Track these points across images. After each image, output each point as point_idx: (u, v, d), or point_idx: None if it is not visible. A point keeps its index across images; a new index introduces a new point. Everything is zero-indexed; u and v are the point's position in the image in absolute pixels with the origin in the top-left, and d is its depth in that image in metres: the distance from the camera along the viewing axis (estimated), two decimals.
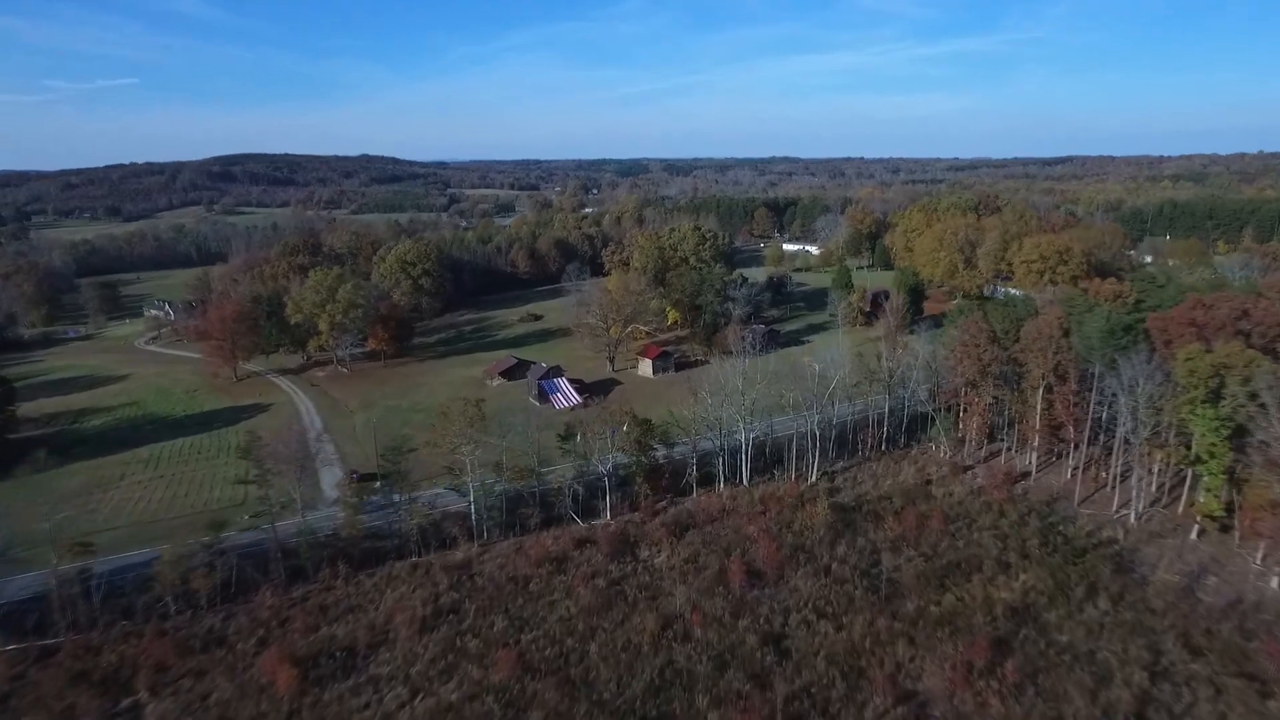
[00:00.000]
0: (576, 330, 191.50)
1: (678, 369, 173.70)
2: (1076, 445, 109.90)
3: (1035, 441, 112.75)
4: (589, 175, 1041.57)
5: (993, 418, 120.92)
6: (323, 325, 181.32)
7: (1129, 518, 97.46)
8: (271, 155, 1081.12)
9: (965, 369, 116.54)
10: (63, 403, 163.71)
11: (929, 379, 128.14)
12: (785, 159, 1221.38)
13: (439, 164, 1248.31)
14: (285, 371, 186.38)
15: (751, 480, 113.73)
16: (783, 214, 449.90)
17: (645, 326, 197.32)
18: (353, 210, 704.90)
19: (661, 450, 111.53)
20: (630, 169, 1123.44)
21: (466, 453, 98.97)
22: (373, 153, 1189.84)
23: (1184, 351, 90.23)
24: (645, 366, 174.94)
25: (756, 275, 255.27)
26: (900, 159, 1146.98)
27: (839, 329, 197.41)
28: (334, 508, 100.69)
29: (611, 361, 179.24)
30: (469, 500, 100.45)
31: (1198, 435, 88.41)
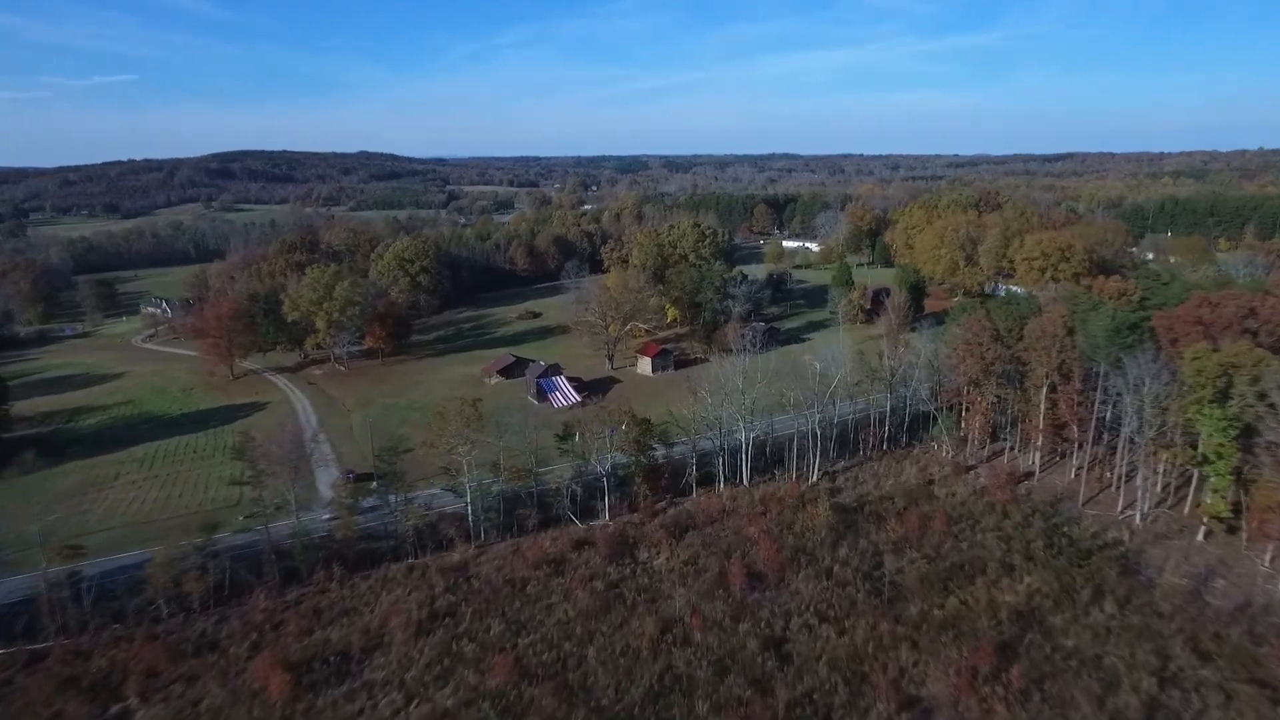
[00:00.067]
0: (575, 328, 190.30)
1: (677, 367, 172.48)
2: (1080, 445, 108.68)
3: (1039, 441, 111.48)
4: (588, 172, 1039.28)
5: (995, 417, 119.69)
6: (320, 323, 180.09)
7: (1134, 519, 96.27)
8: (270, 152, 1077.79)
9: (968, 368, 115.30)
10: (58, 401, 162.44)
11: (931, 377, 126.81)
12: (785, 155, 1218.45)
13: (438, 161, 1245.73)
14: (282, 370, 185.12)
15: (752, 480, 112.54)
16: (782, 211, 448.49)
17: (644, 324, 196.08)
18: (351, 207, 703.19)
19: (661, 450, 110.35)
20: (630, 166, 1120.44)
21: (463, 453, 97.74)
22: (371, 149, 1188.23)
23: (1191, 350, 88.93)
24: (644, 364, 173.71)
25: (756, 272, 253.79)
26: (900, 155, 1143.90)
27: (839, 326, 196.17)
28: (330, 508, 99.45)
29: (610, 359, 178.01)
30: (466, 501, 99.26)
31: (1205, 435, 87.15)
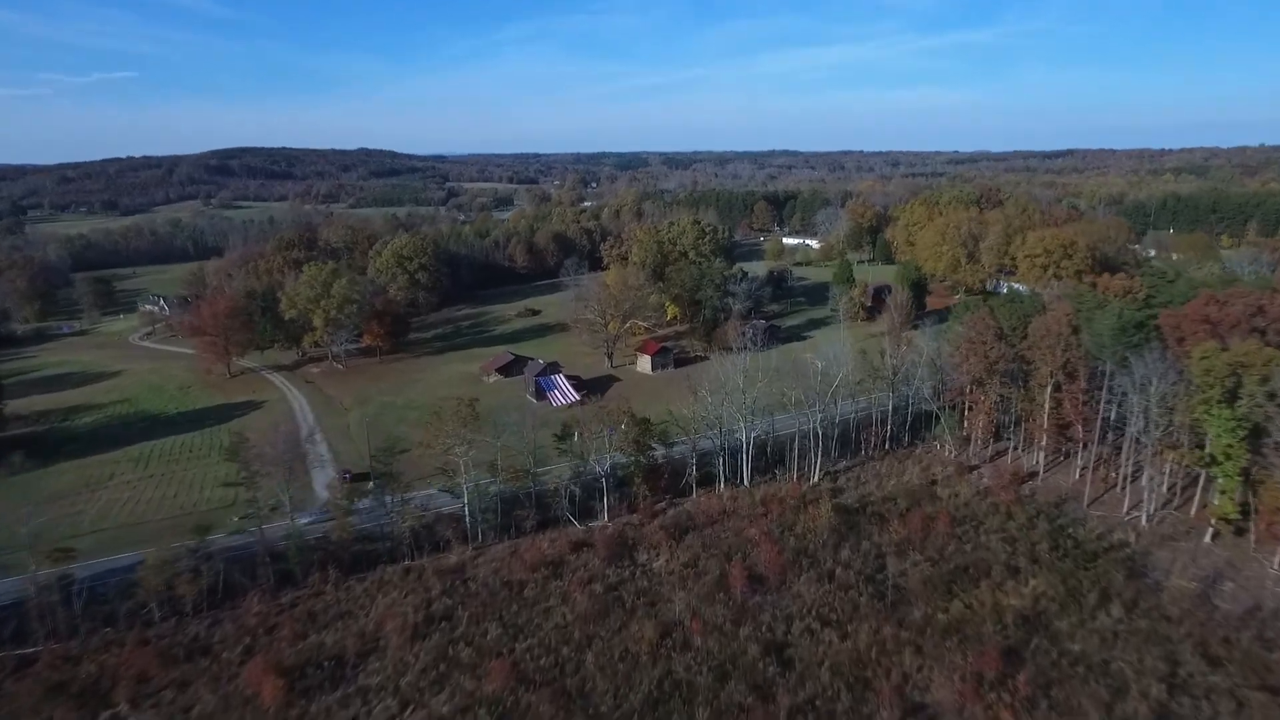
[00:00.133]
0: (574, 326, 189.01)
1: (677, 365, 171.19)
2: (1085, 445, 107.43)
3: (1043, 441, 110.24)
4: (588, 169, 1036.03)
5: (998, 416, 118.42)
6: (317, 321, 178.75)
7: (1140, 520, 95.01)
8: (269, 149, 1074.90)
9: (971, 366, 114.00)
10: (53, 400, 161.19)
11: (933, 376, 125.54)
12: (784, 152, 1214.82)
13: (437, 157, 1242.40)
14: (280, 368, 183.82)
15: (752, 480, 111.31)
16: (782, 207, 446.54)
17: (644, 322, 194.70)
18: (350, 204, 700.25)
19: (660, 450, 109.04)
20: (629, 162, 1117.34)
21: (460, 453, 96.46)
22: (371, 146, 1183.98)
23: (1199, 350, 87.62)
24: (644, 363, 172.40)
25: (756, 269, 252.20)
26: (900, 152, 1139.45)
27: (841, 324, 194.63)
28: (325, 509, 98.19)
29: (610, 357, 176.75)
30: (463, 502, 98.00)
31: (1213, 436, 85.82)
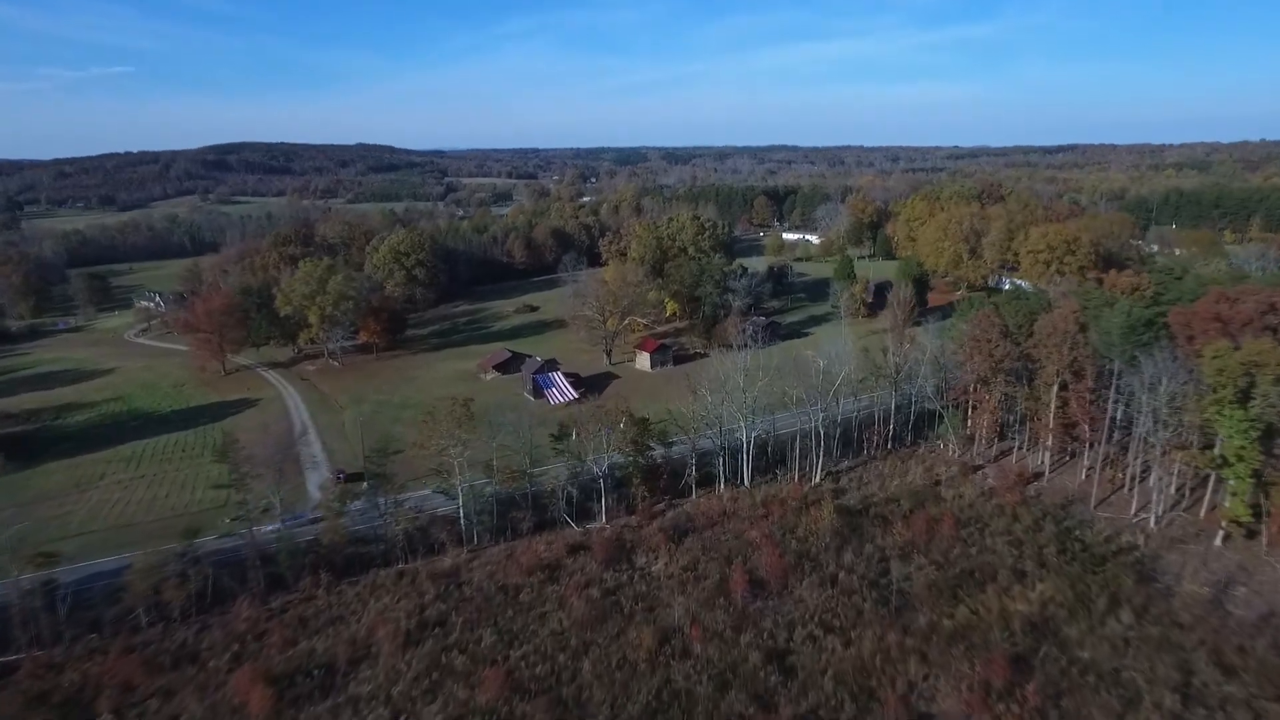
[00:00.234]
0: (573, 322, 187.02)
1: (676, 362, 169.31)
2: (1091, 445, 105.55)
3: (1048, 440, 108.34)
4: (587, 164, 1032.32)
5: (1003, 415, 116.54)
6: (313, 318, 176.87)
7: (1149, 522, 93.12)
8: (267, 144, 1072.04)
9: (976, 365, 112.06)
10: (46, 398, 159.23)
11: (936, 374, 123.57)
12: (784, 147, 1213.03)
13: (436, 153, 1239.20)
14: (275, 365, 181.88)
15: (753, 481, 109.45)
16: (782, 203, 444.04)
17: (643, 318, 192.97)
18: (349, 199, 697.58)
19: (659, 450, 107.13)
20: (629, 157, 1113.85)
21: (455, 454, 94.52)
22: (369, 141, 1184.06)
23: (1211, 349, 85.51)
24: (643, 360, 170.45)
25: (756, 265, 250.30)
26: (900, 147, 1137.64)
27: (841, 320, 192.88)
28: (318, 511, 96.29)
29: (608, 354, 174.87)
30: (458, 503, 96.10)
31: (1225, 437, 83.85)
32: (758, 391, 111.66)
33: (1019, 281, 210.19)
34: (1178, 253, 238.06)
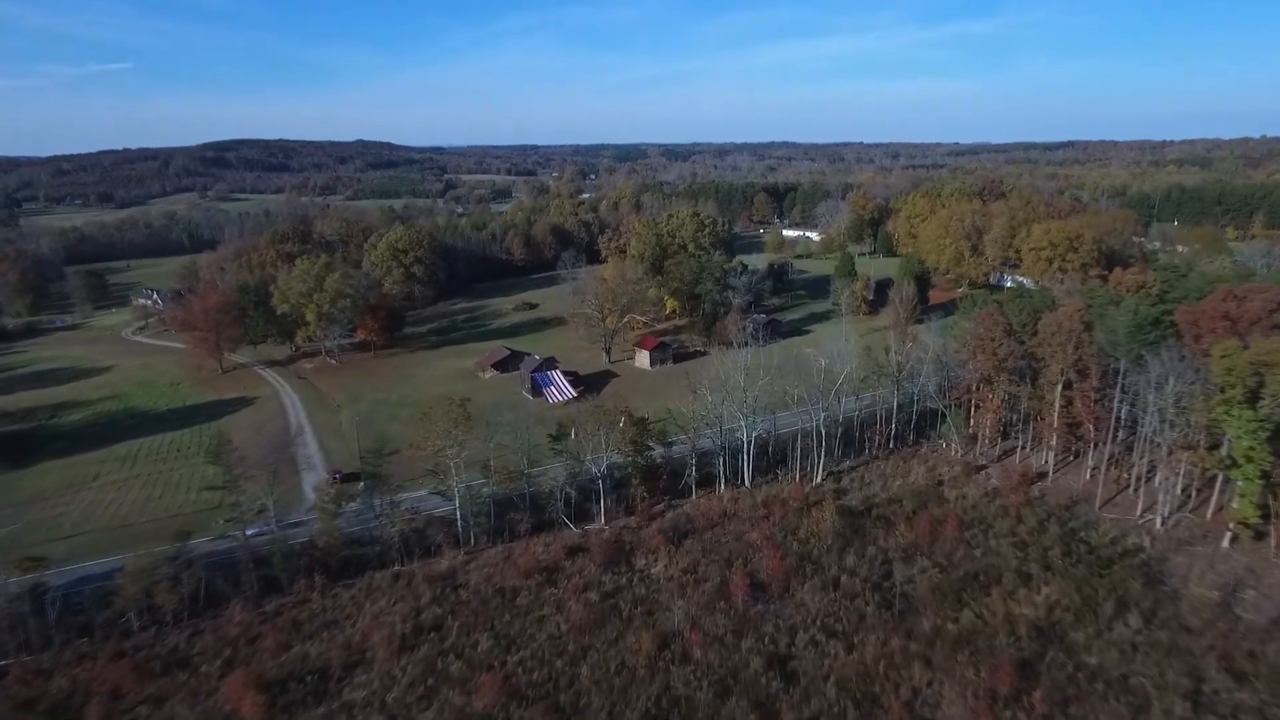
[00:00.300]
0: (572, 320, 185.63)
1: (676, 360, 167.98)
2: (1096, 444, 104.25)
3: (1052, 440, 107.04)
4: (587, 160, 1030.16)
5: (1006, 414, 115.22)
6: (310, 315, 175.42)
7: (1155, 523, 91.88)
8: (266, 141, 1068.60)
9: (979, 363, 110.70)
10: (41, 396, 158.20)
11: (938, 373, 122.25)
12: (784, 144, 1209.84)
13: (435, 149, 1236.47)
14: (272, 363, 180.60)
15: (754, 481, 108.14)
16: (782, 199, 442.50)
17: (642, 316, 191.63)
18: (348, 196, 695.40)
19: (659, 449, 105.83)
20: (628, 154, 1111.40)
21: (451, 455, 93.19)
22: (368, 138, 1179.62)
23: (1220, 348, 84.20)
24: (642, 358, 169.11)
25: (756, 262, 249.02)
26: (900, 144, 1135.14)
27: (842, 318, 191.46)
28: (313, 512, 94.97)
29: (608, 352, 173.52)
30: (454, 505, 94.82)
31: (1233, 437, 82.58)
32: (758, 390, 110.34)
33: (1021, 279, 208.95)
34: (1181, 250, 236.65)
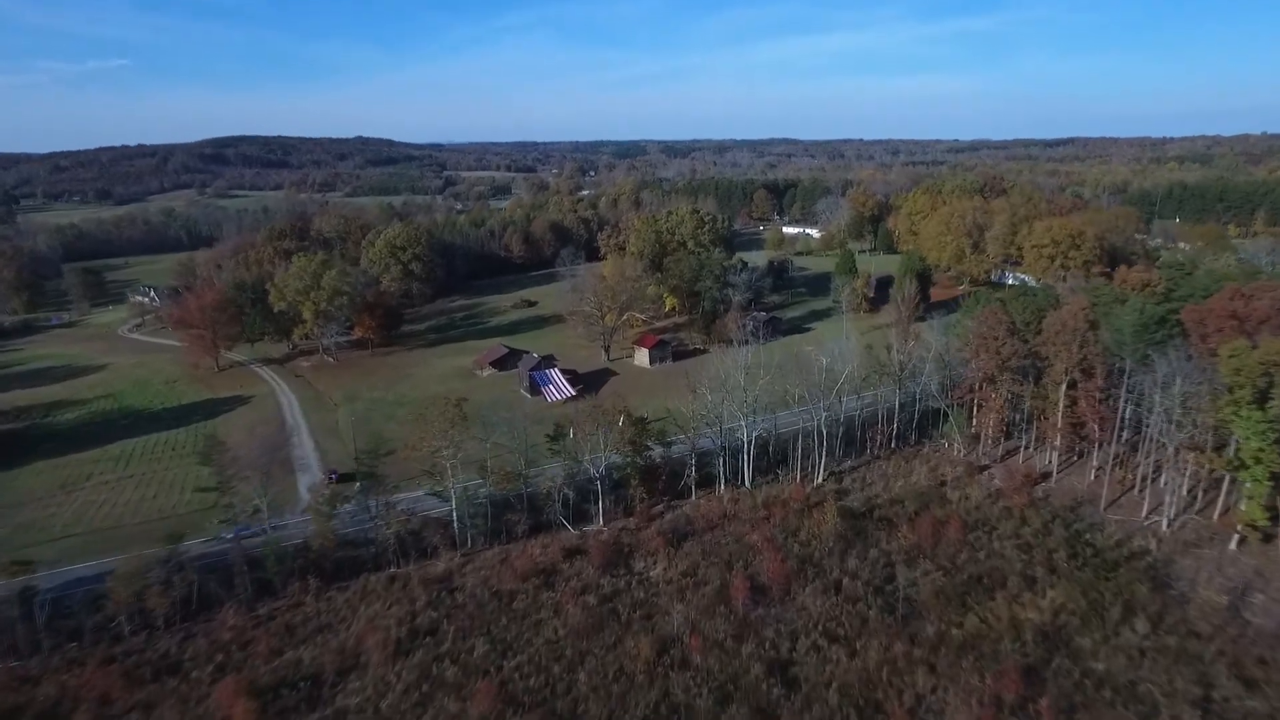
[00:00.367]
0: (570, 318, 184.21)
1: (675, 358, 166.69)
2: (1101, 445, 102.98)
3: (1056, 440, 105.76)
4: (586, 157, 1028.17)
5: (1009, 414, 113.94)
6: (307, 313, 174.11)
7: (1161, 525, 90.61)
8: (265, 137, 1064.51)
9: (982, 362, 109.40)
10: (35, 395, 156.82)
11: (940, 372, 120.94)
12: (784, 140, 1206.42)
13: (435, 146, 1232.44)
14: (269, 361, 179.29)
15: (754, 482, 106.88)
16: (782, 196, 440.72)
17: (642, 314, 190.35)
18: (347, 193, 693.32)
19: (658, 449, 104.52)
20: (628, 151, 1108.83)
21: (447, 455, 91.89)
22: (368, 135, 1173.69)
23: (1228, 348, 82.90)
24: (642, 356, 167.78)
25: (756, 259, 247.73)
26: (900, 140, 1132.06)
27: (843, 316, 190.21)
28: (308, 513, 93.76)
29: (607, 350, 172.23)
30: (451, 506, 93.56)
31: (1242, 438, 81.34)
32: (758, 389, 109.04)
33: (1022, 276, 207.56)
34: (1183, 247, 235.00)
